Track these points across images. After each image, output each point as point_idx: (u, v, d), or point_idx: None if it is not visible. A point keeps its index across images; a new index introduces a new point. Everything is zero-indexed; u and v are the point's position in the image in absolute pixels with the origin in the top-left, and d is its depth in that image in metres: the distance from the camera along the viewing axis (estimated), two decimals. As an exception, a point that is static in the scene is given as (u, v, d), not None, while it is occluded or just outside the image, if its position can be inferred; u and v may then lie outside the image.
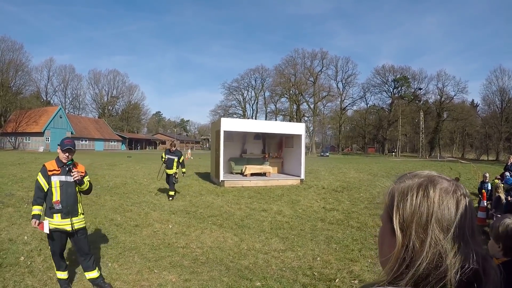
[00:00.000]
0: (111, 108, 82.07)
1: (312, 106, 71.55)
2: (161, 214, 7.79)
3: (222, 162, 12.34)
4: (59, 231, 3.78)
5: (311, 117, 71.89)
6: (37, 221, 3.69)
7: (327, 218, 7.83)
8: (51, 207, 3.73)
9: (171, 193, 9.48)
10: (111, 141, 65.34)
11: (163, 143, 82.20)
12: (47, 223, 3.71)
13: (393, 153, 66.10)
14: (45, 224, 3.71)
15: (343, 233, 6.59)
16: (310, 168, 18.91)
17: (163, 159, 9.69)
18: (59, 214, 3.74)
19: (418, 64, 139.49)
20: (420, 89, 70.85)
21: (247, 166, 13.60)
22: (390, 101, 73.37)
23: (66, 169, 3.76)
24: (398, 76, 71.99)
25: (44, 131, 47.44)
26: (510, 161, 10.80)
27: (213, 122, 18.14)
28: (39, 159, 21.46)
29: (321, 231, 6.67)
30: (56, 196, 3.73)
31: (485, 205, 8.52)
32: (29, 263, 4.62)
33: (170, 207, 8.55)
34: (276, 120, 68.58)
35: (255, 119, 68.74)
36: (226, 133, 12.34)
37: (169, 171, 9.53)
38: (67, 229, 3.78)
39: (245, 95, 79.34)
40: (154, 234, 6.21)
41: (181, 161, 9.64)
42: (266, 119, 68.80)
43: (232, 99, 79.14)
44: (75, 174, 3.75)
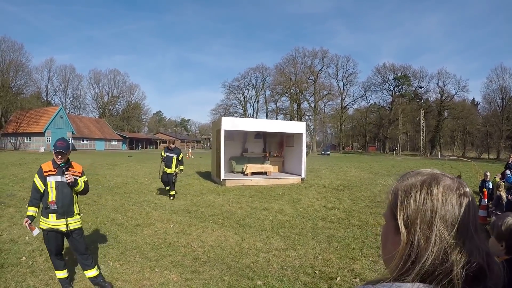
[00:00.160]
0: (111, 108, 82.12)
1: (312, 105, 71.51)
2: (162, 213, 7.80)
3: (223, 161, 12.35)
4: (54, 231, 3.79)
5: (311, 116, 71.83)
6: (29, 221, 3.73)
7: (328, 216, 7.83)
8: (47, 207, 3.76)
9: (172, 192, 9.47)
10: (112, 141, 65.38)
11: (164, 142, 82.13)
12: (37, 231, 3.79)
13: (394, 152, 66.00)
14: (35, 230, 3.78)
15: (344, 231, 6.59)
16: (311, 167, 18.91)
17: (162, 157, 9.63)
18: (54, 214, 3.76)
19: (419, 62, 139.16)
20: (421, 87, 70.73)
21: (248, 165, 13.60)
22: (391, 99, 73.24)
23: (62, 169, 3.79)
24: (398, 75, 71.81)
25: (45, 131, 47.45)
26: (511, 160, 10.78)
27: (213, 121, 18.15)
28: (40, 159, 21.48)
29: (322, 230, 6.67)
30: (52, 196, 3.75)
31: (486, 203, 8.51)
32: (30, 263, 4.63)
33: (171, 206, 8.55)
34: (276, 119, 68.49)
35: (256, 118, 68.80)
36: (227, 132, 12.34)
37: (168, 170, 9.45)
38: (62, 230, 3.80)
39: (245, 94, 79.42)
40: (155, 234, 6.21)
41: (180, 158, 9.57)
42: (266, 118, 68.74)
43: (233, 98, 79.21)
44: (68, 176, 3.76)
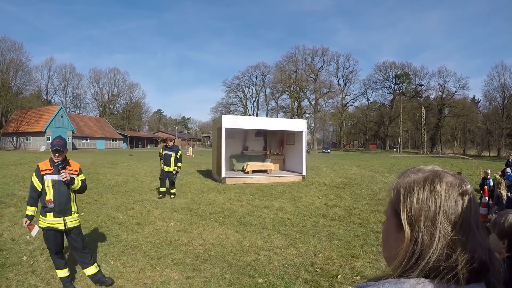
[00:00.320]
0: (112, 107, 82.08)
1: (313, 103, 71.43)
2: (163, 212, 7.80)
3: (224, 159, 12.34)
4: (53, 230, 3.81)
5: (312, 113, 71.79)
6: (28, 221, 3.77)
7: (328, 214, 7.83)
8: (44, 206, 3.78)
9: (172, 191, 9.46)
10: (113, 140, 65.40)
11: (164, 141, 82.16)
12: (36, 229, 3.82)
13: (395, 150, 65.98)
14: (35, 228, 3.82)
15: (345, 229, 6.59)
16: (312, 165, 18.91)
17: (161, 155, 9.57)
18: (51, 213, 3.77)
19: (420, 60, 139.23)
20: (421, 85, 70.59)
21: (248, 163, 13.59)
22: (391, 97, 73.14)
23: (58, 168, 3.79)
24: (399, 73, 71.67)
25: (45, 130, 47.47)
26: (511, 157, 10.77)
27: (214, 120, 18.13)
28: (40, 158, 21.49)
29: (323, 228, 6.67)
30: (49, 195, 3.77)
31: (486, 201, 8.51)
32: (31, 262, 4.64)
33: (172, 204, 8.55)
34: (277, 117, 68.45)
35: (256, 116, 68.80)
36: (227, 130, 12.33)
37: (168, 169, 9.39)
38: (59, 228, 3.81)
39: (246, 92, 79.39)
40: (156, 232, 6.22)
41: (178, 156, 9.51)
42: (267, 116, 68.75)
43: (233, 96, 79.18)
44: (64, 175, 3.76)
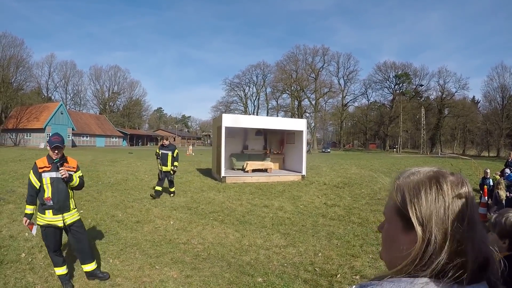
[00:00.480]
0: (112, 104, 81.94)
1: (313, 102, 71.38)
2: (162, 210, 7.79)
3: (224, 158, 12.33)
4: (52, 227, 3.80)
5: (312, 113, 71.76)
6: (27, 220, 3.78)
7: (328, 214, 7.82)
8: (43, 203, 3.77)
9: (171, 189, 9.43)
10: (112, 137, 65.32)
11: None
12: (36, 227, 3.85)
13: (394, 149, 66.02)
14: (34, 227, 3.85)
15: (344, 228, 6.58)
16: (312, 164, 18.90)
17: (157, 154, 9.39)
18: (50, 211, 3.77)
19: (420, 60, 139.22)
20: (422, 85, 70.63)
21: (248, 162, 13.57)
22: (391, 97, 73.19)
23: (56, 165, 3.79)
24: (399, 73, 71.71)
25: (45, 127, 47.35)
26: (511, 158, 10.75)
27: (214, 118, 18.11)
28: (39, 155, 21.44)
29: (322, 227, 6.66)
30: (47, 192, 3.77)
31: (486, 200, 8.52)
32: (30, 260, 4.62)
33: (172, 203, 8.54)
34: (277, 116, 68.43)
35: (257, 115, 68.76)
36: (227, 129, 12.31)
37: (165, 168, 9.23)
38: (59, 225, 3.82)
39: (246, 91, 79.33)
40: (156, 230, 6.20)
41: (175, 155, 9.36)
42: (267, 115, 68.76)
43: (234, 95, 79.12)
44: (63, 172, 3.77)
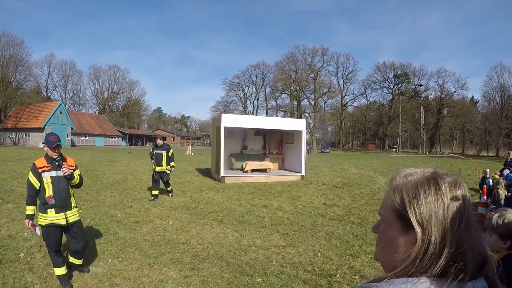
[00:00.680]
0: (111, 104, 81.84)
1: (312, 103, 71.32)
2: (161, 210, 7.78)
3: (223, 158, 12.32)
4: (54, 226, 3.81)
5: (311, 113, 71.71)
6: (30, 222, 3.78)
7: (327, 214, 7.82)
8: (45, 202, 3.77)
9: (168, 188, 9.26)
10: (112, 137, 65.23)
11: (164, 139, 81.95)
12: (39, 228, 3.87)
13: (394, 149, 66.07)
14: (37, 228, 3.87)
15: (343, 229, 6.59)
16: (311, 164, 18.91)
17: (151, 154, 9.07)
18: (53, 209, 3.78)
19: (419, 60, 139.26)
20: (421, 85, 70.72)
21: (247, 162, 13.57)
22: (390, 97, 73.21)
23: (56, 164, 3.80)
24: (398, 73, 71.74)
25: (44, 126, 47.25)
26: (510, 157, 10.74)
27: (213, 118, 18.11)
28: (39, 154, 21.42)
29: (321, 227, 6.66)
30: (49, 191, 3.77)
31: (485, 200, 8.53)
32: (29, 259, 4.61)
33: (171, 203, 8.53)
34: (276, 116, 68.43)
35: (256, 115, 68.74)
36: (226, 129, 12.31)
37: (159, 169, 8.89)
38: (61, 224, 3.82)
39: (245, 91, 79.23)
40: (155, 230, 6.20)
41: (170, 155, 9.04)
42: (266, 115, 68.76)
43: (233, 95, 79.02)
44: (65, 170, 3.79)
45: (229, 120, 12.60)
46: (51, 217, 3.77)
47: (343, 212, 8.04)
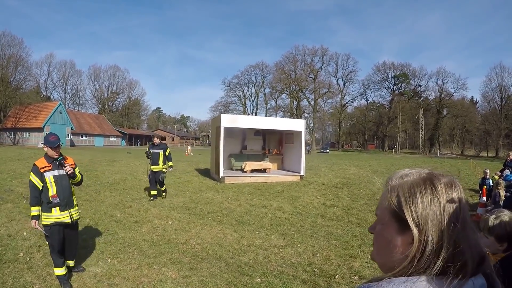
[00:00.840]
0: (111, 104, 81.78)
1: (312, 103, 71.38)
2: (160, 210, 7.78)
3: (222, 158, 12.32)
4: (58, 225, 3.84)
5: (311, 113, 71.75)
6: (36, 222, 3.79)
7: (327, 214, 7.83)
8: (49, 202, 3.78)
9: (162, 188, 9.08)
10: (111, 137, 65.20)
11: (163, 139, 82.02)
12: (42, 227, 3.90)
13: (393, 150, 66.10)
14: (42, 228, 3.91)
15: (343, 229, 6.59)
16: (310, 165, 18.90)
17: (148, 153, 8.82)
18: (57, 208, 3.81)
19: (419, 60, 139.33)
20: (420, 86, 70.73)
21: (247, 162, 13.57)
22: (390, 97, 73.19)
23: (57, 163, 3.84)
24: (398, 73, 71.71)
25: (44, 126, 47.19)
26: (509, 158, 10.75)
27: (213, 118, 18.11)
28: (38, 154, 21.41)
29: (321, 227, 6.67)
30: (52, 190, 3.79)
31: (484, 201, 8.53)
32: (28, 259, 4.62)
33: (170, 203, 8.53)
34: (276, 116, 68.39)
35: (255, 115, 68.79)
36: (226, 129, 12.30)
37: (155, 168, 8.71)
38: (66, 221, 3.86)
39: (245, 91, 79.21)
40: (154, 231, 6.20)
41: (167, 154, 8.86)
42: (266, 116, 68.75)
43: (233, 95, 79.02)
44: (68, 168, 3.83)
45: (228, 120, 12.60)
46: (56, 215, 3.80)
47: (343, 212, 8.05)
